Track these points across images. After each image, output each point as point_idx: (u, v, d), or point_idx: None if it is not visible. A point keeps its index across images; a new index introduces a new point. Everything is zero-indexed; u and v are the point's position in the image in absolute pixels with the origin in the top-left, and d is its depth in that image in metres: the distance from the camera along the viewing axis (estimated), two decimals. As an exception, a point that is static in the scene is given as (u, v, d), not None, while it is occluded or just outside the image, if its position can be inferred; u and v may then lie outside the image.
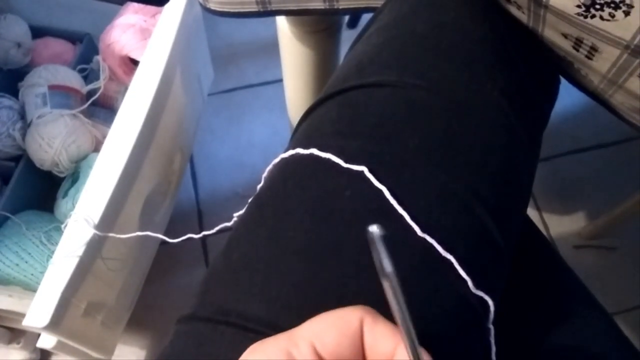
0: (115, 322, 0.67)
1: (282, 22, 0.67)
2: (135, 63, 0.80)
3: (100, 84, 0.80)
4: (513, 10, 0.39)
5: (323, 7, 0.53)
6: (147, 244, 0.73)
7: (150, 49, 0.65)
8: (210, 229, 0.44)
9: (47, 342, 0.55)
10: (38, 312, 0.52)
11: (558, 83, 0.45)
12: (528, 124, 0.38)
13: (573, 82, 0.43)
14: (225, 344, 0.29)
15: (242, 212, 0.36)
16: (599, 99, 0.41)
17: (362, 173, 0.32)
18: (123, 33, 0.78)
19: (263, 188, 0.36)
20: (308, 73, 0.73)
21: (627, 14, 0.30)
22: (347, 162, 0.32)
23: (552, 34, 0.37)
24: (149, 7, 0.79)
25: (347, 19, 1.00)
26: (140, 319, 0.88)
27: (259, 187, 0.36)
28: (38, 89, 0.75)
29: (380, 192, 0.31)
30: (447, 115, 0.34)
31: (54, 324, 0.53)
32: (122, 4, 0.81)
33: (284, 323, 0.25)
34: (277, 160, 0.36)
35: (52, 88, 0.75)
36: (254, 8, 0.54)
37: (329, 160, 0.33)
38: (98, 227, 0.56)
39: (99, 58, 0.81)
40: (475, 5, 0.39)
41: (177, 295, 0.93)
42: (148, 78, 0.63)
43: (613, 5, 0.31)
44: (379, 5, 0.43)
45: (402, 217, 0.31)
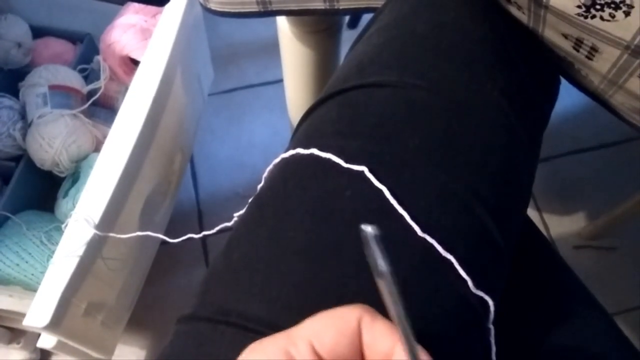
0: (116, 322, 0.67)
1: (282, 22, 0.67)
2: (136, 63, 0.80)
3: (101, 84, 0.80)
4: (513, 11, 0.39)
5: (323, 7, 0.53)
6: (147, 244, 0.73)
7: (151, 49, 0.66)
8: (211, 229, 0.44)
9: (47, 342, 0.55)
10: (38, 312, 0.52)
11: (558, 83, 0.45)
12: (528, 124, 0.38)
13: (573, 82, 0.43)
14: (225, 344, 0.29)
15: (242, 212, 0.36)
16: (599, 100, 0.41)
17: (362, 173, 0.32)
18: (124, 33, 0.78)
19: (263, 188, 0.36)
20: (308, 73, 0.73)
21: (627, 15, 0.30)
22: (347, 162, 0.32)
23: (552, 35, 0.37)
24: (150, 7, 0.79)
25: (347, 19, 1.00)
26: (141, 319, 0.88)
27: (259, 187, 0.36)
28: (38, 89, 0.75)
29: (381, 192, 0.31)
30: (447, 115, 0.34)
31: (54, 324, 0.53)
32: (122, 4, 0.81)
33: (284, 323, 0.25)
34: (277, 160, 0.36)
35: (52, 88, 0.75)
36: (255, 8, 0.54)
37: (329, 160, 0.33)
38: (98, 227, 0.56)
39: (100, 58, 0.81)
40: (475, 5, 0.39)
41: (177, 295, 0.92)
42: (148, 78, 0.63)
43: (613, 6, 0.31)
44: (380, 6, 0.43)
45: (402, 217, 0.31)
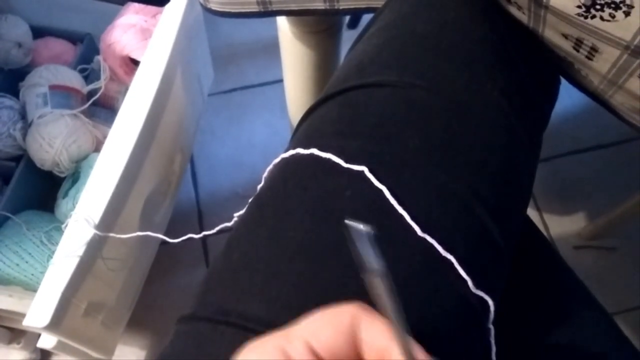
0: (116, 322, 0.67)
1: (282, 22, 0.67)
2: (136, 63, 0.80)
3: (101, 84, 0.80)
4: (513, 11, 0.39)
5: (324, 7, 0.53)
6: (147, 244, 0.73)
7: (151, 49, 0.66)
8: (211, 229, 0.44)
9: (47, 342, 0.55)
10: (38, 312, 0.52)
11: (558, 83, 0.45)
12: (528, 124, 0.38)
13: (573, 82, 0.43)
14: (225, 344, 0.29)
15: (242, 212, 0.36)
16: (599, 100, 0.41)
17: (362, 173, 0.32)
18: (124, 33, 0.78)
19: (263, 188, 0.36)
20: (308, 73, 0.73)
21: (627, 15, 0.30)
22: (347, 162, 0.32)
23: (552, 35, 0.37)
24: (150, 7, 0.79)
25: (347, 20, 1.00)
26: (141, 319, 0.88)
27: (259, 187, 0.36)
28: (39, 89, 0.75)
29: (381, 192, 0.31)
30: (447, 115, 0.34)
31: (54, 324, 0.53)
32: (122, 4, 0.81)
33: (284, 323, 0.25)
34: (277, 161, 0.36)
35: (52, 88, 0.75)
36: (255, 8, 0.54)
37: (329, 160, 0.33)
38: (98, 227, 0.56)
39: (100, 58, 0.81)
40: (475, 5, 0.39)
41: (177, 295, 0.92)
42: (149, 78, 0.63)
43: (613, 6, 0.31)
44: (380, 6, 0.43)
45: (402, 217, 0.31)
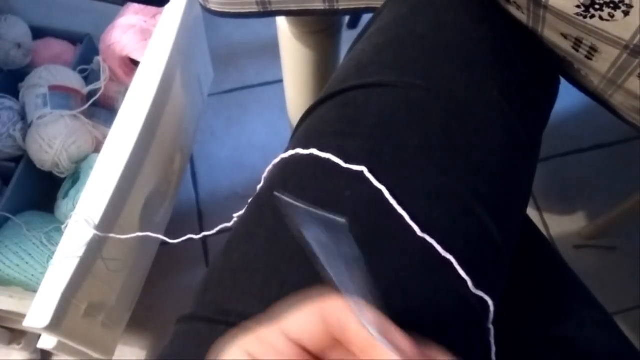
0: (116, 322, 0.67)
1: (282, 22, 0.67)
2: (136, 64, 0.80)
3: (101, 85, 0.80)
4: (513, 11, 0.39)
5: (323, 7, 0.53)
6: (147, 245, 0.73)
7: (151, 50, 0.66)
8: (211, 230, 0.44)
9: (47, 342, 0.55)
10: (38, 312, 0.52)
11: (558, 83, 0.45)
12: (528, 124, 0.38)
13: (573, 82, 0.43)
14: (225, 344, 0.29)
15: (242, 212, 0.36)
16: (599, 99, 0.41)
17: (362, 173, 0.32)
18: (124, 34, 0.78)
19: (263, 188, 0.36)
20: (308, 73, 0.73)
21: (626, 14, 0.30)
22: (347, 162, 0.32)
23: (551, 34, 0.37)
24: (150, 7, 0.79)
25: (347, 20, 1.00)
26: (141, 320, 0.88)
27: (259, 187, 0.36)
28: (38, 90, 0.75)
29: (380, 192, 0.31)
30: (447, 115, 0.34)
31: (55, 325, 0.53)
32: (122, 5, 0.81)
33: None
34: (277, 161, 0.36)
35: (52, 89, 0.75)
36: (254, 9, 0.54)
37: (329, 161, 0.33)
38: (98, 227, 0.56)
39: (100, 59, 0.81)
40: (475, 5, 0.39)
41: (177, 296, 0.92)
42: (148, 79, 0.63)
43: (612, 6, 0.31)
44: (379, 6, 0.43)
45: (401, 217, 0.31)
